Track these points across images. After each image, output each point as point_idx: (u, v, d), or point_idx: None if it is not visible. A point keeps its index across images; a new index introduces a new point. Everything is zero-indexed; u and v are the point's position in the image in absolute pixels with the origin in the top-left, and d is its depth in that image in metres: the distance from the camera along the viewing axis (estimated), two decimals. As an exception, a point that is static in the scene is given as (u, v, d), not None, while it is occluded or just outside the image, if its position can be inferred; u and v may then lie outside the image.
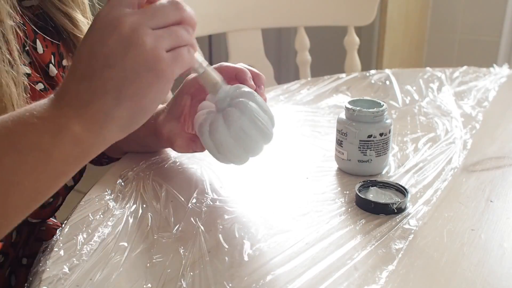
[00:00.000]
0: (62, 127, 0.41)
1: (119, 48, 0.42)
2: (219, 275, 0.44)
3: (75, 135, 0.41)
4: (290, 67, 2.25)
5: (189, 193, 0.58)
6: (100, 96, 0.42)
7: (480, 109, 0.86)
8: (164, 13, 0.44)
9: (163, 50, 0.43)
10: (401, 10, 1.90)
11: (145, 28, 0.42)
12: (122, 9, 0.43)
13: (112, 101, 0.42)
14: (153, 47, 0.42)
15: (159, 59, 0.43)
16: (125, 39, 0.42)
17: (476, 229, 0.51)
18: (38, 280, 0.44)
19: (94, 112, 0.42)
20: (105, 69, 0.42)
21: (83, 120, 0.41)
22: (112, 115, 0.42)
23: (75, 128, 0.41)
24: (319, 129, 0.78)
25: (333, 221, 0.53)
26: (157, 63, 0.43)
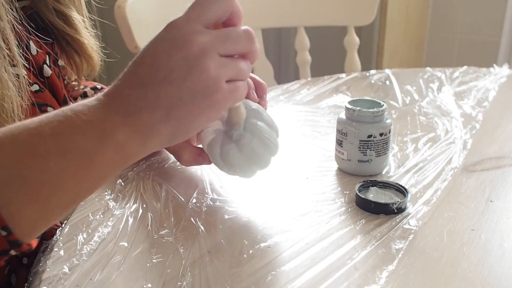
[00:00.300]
0: (108, 133, 0.40)
1: (183, 66, 0.41)
2: (219, 275, 0.44)
3: (119, 143, 0.41)
4: (290, 67, 2.25)
5: (189, 193, 0.58)
6: (151, 108, 0.41)
7: (480, 109, 0.86)
8: (236, 41, 0.44)
9: (223, 80, 0.43)
10: (401, 10, 1.90)
11: (213, 53, 0.42)
12: (198, 26, 0.42)
13: (160, 117, 0.41)
14: (216, 75, 0.42)
15: (218, 89, 0.43)
16: (192, 59, 0.41)
17: (476, 229, 0.51)
18: (38, 280, 0.44)
19: (141, 123, 0.41)
20: (163, 83, 0.41)
21: (129, 129, 0.41)
22: (157, 129, 0.42)
23: (119, 136, 0.40)
24: (319, 129, 0.78)
25: (333, 221, 0.53)
26: (214, 93, 0.43)
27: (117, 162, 0.42)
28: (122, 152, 0.41)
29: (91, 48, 0.64)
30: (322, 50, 1.72)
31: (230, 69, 0.44)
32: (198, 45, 0.41)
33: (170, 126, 0.42)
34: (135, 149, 0.42)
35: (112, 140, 0.40)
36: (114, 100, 0.41)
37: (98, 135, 0.40)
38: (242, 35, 0.45)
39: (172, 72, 0.41)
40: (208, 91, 0.42)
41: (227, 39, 0.44)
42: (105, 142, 0.40)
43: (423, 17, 2.06)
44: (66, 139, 0.39)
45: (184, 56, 0.41)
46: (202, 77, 0.42)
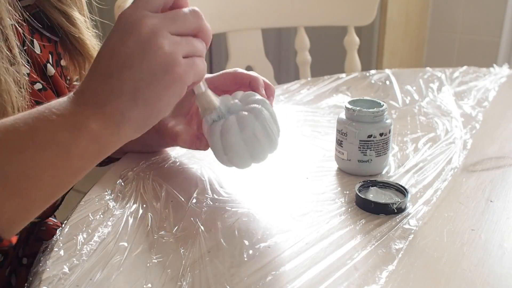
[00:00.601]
0: (80, 124, 0.42)
1: (137, 49, 0.43)
2: (219, 275, 0.44)
3: (93, 132, 0.42)
4: (290, 67, 2.25)
5: (189, 193, 0.58)
6: (117, 96, 0.43)
7: (480, 109, 0.86)
8: (184, 20, 0.45)
9: (180, 55, 0.44)
10: (401, 10, 1.90)
11: (164, 32, 0.43)
12: (145, 12, 0.44)
13: (128, 102, 0.43)
14: (171, 51, 0.44)
15: (176, 63, 0.44)
16: (144, 41, 0.43)
17: (476, 229, 0.51)
18: (38, 280, 0.44)
19: (111, 111, 0.43)
20: (123, 70, 0.43)
21: (100, 118, 0.42)
22: (128, 115, 0.43)
23: (92, 126, 0.42)
24: (319, 129, 0.78)
25: (333, 221, 0.53)
26: (174, 67, 0.44)
27: (93, 152, 0.43)
28: (97, 141, 0.43)
29: (93, 48, 0.65)
30: (322, 50, 1.72)
31: (184, 45, 0.45)
32: (147, 26, 0.43)
33: (139, 109, 0.44)
34: (109, 137, 0.43)
35: (86, 130, 0.42)
36: (83, 94, 0.43)
37: (71, 126, 0.41)
38: (189, 14, 0.46)
39: (129, 58, 0.43)
40: (167, 67, 0.43)
41: (175, 19, 0.45)
42: (79, 134, 0.42)
43: (423, 17, 2.06)
44: (41, 133, 0.41)
45: (136, 39, 0.43)
46: (157, 54, 0.43)
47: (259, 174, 0.63)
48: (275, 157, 0.66)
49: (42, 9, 0.60)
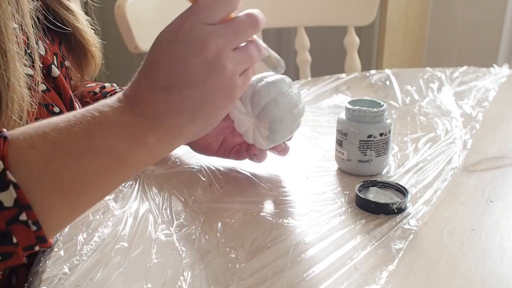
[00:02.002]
0: (138, 137, 0.42)
1: (202, 70, 0.43)
2: (219, 275, 0.44)
3: (149, 145, 0.42)
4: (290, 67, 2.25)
5: (189, 193, 0.58)
6: (176, 112, 0.43)
7: (480, 109, 0.86)
8: (245, 33, 0.46)
9: (237, 75, 0.46)
10: (401, 10, 1.90)
11: (228, 53, 0.44)
12: (207, 27, 0.43)
13: (187, 118, 0.43)
14: (232, 74, 0.45)
15: (234, 85, 0.45)
16: (209, 63, 0.43)
17: (476, 229, 0.51)
18: (38, 280, 0.44)
19: (169, 126, 0.43)
20: (185, 87, 0.43)
21: (157, 132, 0.43)
22: (185, 131, 0.44)
23: (150, 140, 0.42)
24: (319, 129, 0.78)
25: (333, 221, 0.53)
26: (232, 89, 0.45)
27: (145, 161, 0.44)
28: (151, 153, 0.43)
29: (95, 45, 0.65)
30: (322, 50, 1.72)
31: (242, 63, 0.46)
32: (212, 48, 0.43)
33: (196, 125, 0.45)
34: (163, 149, 0.44)
35: (143, 143, 0.42)
36: (137, 103, 0.43)
37: (129, 138, 0.41)
38: (247, 23, 0.46)
39: (192, 77, 0.43)
40: (227, 89, 0.45)
41: (237, 34, 0.45)
42: (136, 145, 0.42)
43: (423, 17, 2.06)
44: (99, 141, 0.40)
45: (201, 60, 0.43)
46: (220, 77, 0.44)
47: (260, 174, 0.63)
48: (275, 157, 0.66)
49: (46, 8, 0.60)
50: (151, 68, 0.44)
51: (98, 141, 0.40)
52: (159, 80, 0.43)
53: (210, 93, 0.44)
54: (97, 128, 0.41)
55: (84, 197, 0.41)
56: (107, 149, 0.40)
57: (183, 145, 0.69)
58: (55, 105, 0.58)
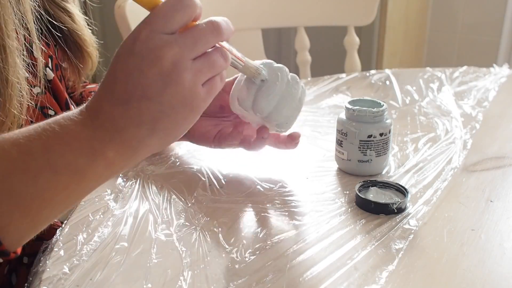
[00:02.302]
0: (97, 151, 0.41)
1: (158, 82, 0.42)
2: (219, 275, 0.44)
3: (109, 159, 0.42)
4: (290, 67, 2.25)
5: (189, 193, 0.58)
6: (135, 124, 0.42)
7: (480, 109, 0.86)
8: (205, 41, 0.44)
9: (199, 86, 0.44)
10: (401, 10, 1.90)
11: (185, 63, 0.42)
12: (164, 36, 0.42)
13: (146, 131, 0.43)
14: (192, 85, 0.43)
15: (195, 96, 0.43)
16: (165, 74, 0.42)
17: (476, 229, 0.51)
18: (38, 280, 0.44)
19: (128, 138, 0.42)
20: (142, 100, 0.42)
21: (117, 145, 0.42)
22: (145, 143, 0.43)
23: (109, 153, 0.42)
24: (319, 129, 0.78)
25: (333, 221, 0.53)
26: (193, 100, 0.43)
27: (106, 175, 0.43)
28: (112, 167, 0.43)
29: (92, 45, 0.65)
30: (322, 50, 1.72)
31: (204, 72, 0.44)
32: (168, 59, 0.42)
33: (156, 137, 0.43)
34: (124, 162, 0.43)
35: (102, 157, 0.42)
36: (97, 116, 0.42)
37: (88, 152, 0.41)
38: (208, 31, 0.44)
39: (148, 89, 0.42)
40: (187, 101, 0.43)
41: (196, 43, 0.43)
42: (95, 159, 0.41)
43: (423, 17, 2.06)
44: (57, 156, 0.40)
45: (158, 72, 0.41)
46: (178, 89, 0.42)
47: (260, 174, 0.63)
48: (275, 157, 0.66)
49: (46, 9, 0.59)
50: (110, 80, 0.43)
51: (56, 157, 0.40)
52: (117, 92, 0.42)
53: (168, 106, 0.42)
54: (56, 143, 0.40)
55: (44, 212, 0.41)
56: (66, 164, 0.40)
57: (183, 145, 0.69)
58: (50, 107, 0.58)
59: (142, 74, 0.41)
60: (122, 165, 0.43)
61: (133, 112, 0.42)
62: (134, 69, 0.42)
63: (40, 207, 0.40)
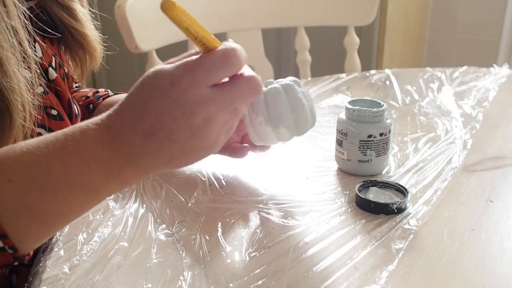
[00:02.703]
0: (114, 171, 0.43)
1: (187, 132, 0.42)
2: (219, 275, 0.44)
3: (123, 179, 0.43)
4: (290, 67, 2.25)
5: (189, 193, 0.58)
6: (153, 156, 0.43)
7: (480, 109, 0.86)
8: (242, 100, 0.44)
9: (222, 135, 0.45)
10: (401, 10, 1.90)
11: (217, 120, 0.43)
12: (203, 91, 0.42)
13: (162, 163, 0.44)
14: (216, 137, 0.44)
15: (216, 145, 0.45)
16: (196, 128, 0.42)
17: (476, 229, 0.51)
18: (38, 280, 0.44)
19: (144, 165, 0.43)
20: (165, 140, 0.42)
21: (133, 169, 0.43)
22: (160, 170, 0.45)
23: (125, 174, 0.43)
24: (319, 129, 0.78)
25: (333, 221, 0.53)
26: (214, 148, 0.45)
27: (119, 191, 0.46)
28: (125, 185, 0.45)
29: (95, 40, 0.64)
30: (322, 50, 1.72)
31: (229, 124, 0.45)
32: (203, 116, 0.42)
33: (169, 168, 0.45)
34: (136, 180, 0.46)
35: (118, 177, 0.43)
36: (118, 139, 0.42)
37: (105, 173, 0.42)
38: (247, 91, 0.44)
39: (175, 134, 0.42)
40: (208, 149, 0.44)
41: (232, 102, 0.43)
42: (111, 179, 0.43)
43: (423, 17, 2.06)
44: (76, 176, 0.41)
45: (189, 124, 0.42)
46: (204, 141, 0.43)
47: (260, 174, 0.63)
48: (275, 157, 0.66)
49: (44, 9, 0.59)
50: (138, 109, 0.42)
51: (74, 176, 0.41)
52: (143, 124, 0.42)
53: (190, 151, 0.43)
54: (75, 163, 0.41)
55: (58, 224, 0.43)
56: (83, 184, 0.42)
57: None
58: (53, 107, 0.58)
59: (173, 120, 0.42)
60: (133, 183, 0.46)
61: (153, 146, 0.42)
62: (165, 112, 0.42)
63: (55, 220, 0.42)
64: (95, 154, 0.42)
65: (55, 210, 0.41)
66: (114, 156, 0.42)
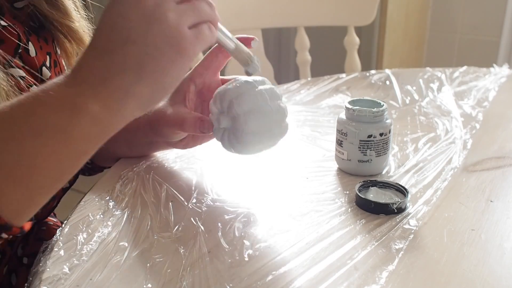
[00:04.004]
0: (80, 106, 0.39)
1: (142, 23, 0.41)
2: (219, 275, 0.44)
3: (94, 114, 0.40)
4: (290, 67, 2.25)
5: (189, 193, 0.58)
6: (120, 72, 0.41)
7: (480, 109, 0.86)
8: None
9: (185, 27, 0.43)
10: (401, 10, 1.90)
11: (169, 3, 0.42)
12: None
13: (132, 77, 0.41)
14: (176, 24, 0.42)
15: (182, 36, 0.42)
16: (148, 13, 0.41)
17: (476, 229, 0.51)
18: (38, 280, 0.44)
19: (113, 89, 0.41)
20: (126, 44, 0.40)
21: (101, 98, 0.40)
22: (132, 91, 0.41)
23: (93, 108, 0.40)
24: (319, 129, 0.78)
25: (333, 221, 0.53)
26: (179, 40, 0.42)
27: (95, 134, 0.41)
28: (99, 123, 0.41)
29: (83, 31, 0.63)
30: (322, 50, 1.72)
31: (189, 14, 0.43)
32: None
33: (144, 84, 0.42)
34: (111, 117, 0.41)
35: (86, 112, 0.40)
36: (80, 72, 0.41)
37: (70, 109, 0.39)
38: None
39: (132, 31, 0.41)
40: (172, 40, 0.42)
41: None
42: (78, 116, 0.40)
43: (423, 17, 2.06)
44: (39, 119, 0.39)
45: (140, 12, 0.41)
46: (162, 27, 0.41)
47: (259, 174, 0.63)
48: (275, 157, 0.66)
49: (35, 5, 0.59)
50: (95, 35, 0.42)
51: (38, 120, 0.39)
52: (101, 43, 0.41)
53: (153, 47, 0.41)
54: (38, 106, 0.39)
55: (37, 179, 0.39)
56: (48, 125, 0.39)
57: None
58: None
59: (125, 18, 0.41)
60: (110, 121, 0.42)
61: (117, 60, 0.41)
62: (117, 17, 0.41)
63: (31, 174, 0.39)
64: (58, 94, 0.40)
65: (26, 161, 0.38)
66: (78, 89, 0.40)
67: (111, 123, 0.42)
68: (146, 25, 0.41)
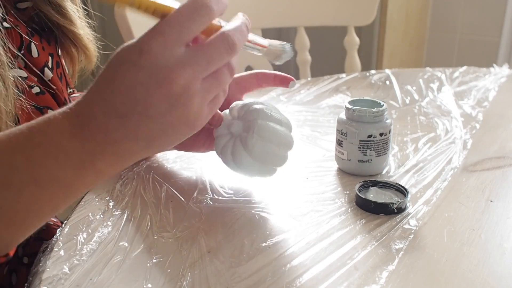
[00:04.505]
0: (87, 163, 0.39)
1: (165, 103, 0.38)
2: (219, 275, 0.44)
3: (99, 170, 0.40)
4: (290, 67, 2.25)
5: (189, 193, 0.58)
6: (130, 139, 0.39)
7: (480, 109, 0.86)
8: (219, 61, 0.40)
9: (206, 106, 0.41)
10: (401, 10, 1.90)
11: (196, 86, 0.39)
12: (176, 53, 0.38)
13: (142, 147, 0.40)
14: (199, 108, 0.40)
15: (200, 117, 0.41)
16: (174, 97, 0.38)
17: (476, 229, 0.51)
18: (38, 280, 0.44)
19: (121, 152, 0.40)
20: (142, 117, 0.38)
21: (108, 157, 0.40)
22: (138, 156, 0.41)
23: (99, 164, 0.40)
24: (319, 129, 0.78)
25: (333, 221, 0.53)
26: (197, 121, 0.41)
27: (96, 183, 0.42)
28: (101, 176, 0.41)
29: (87, 38, 0.63)
30: (322, 50, 1.72)
31: (212, 91, 0.41)
32: (179, 82, 0.38)
33: (150, 152, 0.42)
34: (114, 170, 0.42)
35: (92, 168, 0.40)
36: (89, 126, 0.39)
37: (76, 165, 0.39)
38: (223, 50, 0.40)
39: (152, 108, 0.38)
40: (190, 121, 0.41)
41: (209, 63, 0.40)
42: (84, 171, 0.39)
43: (423, 17, 2.06)
44: (42, 170, 0.38)
45: (165, 93, 0.38)
46: (184, 112, 0.40)
47: (259, 174, 0.63)
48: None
49: (39, 8, 0.59)
50: (108, 89, 0.39)
51: (40, 170, 0.38)
52: (116, 105, 0.38)
53: (170, 126, 0.40)
54: (41, 155, 0.38)
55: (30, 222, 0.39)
56: (52, 178, 0.38)
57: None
58: (50, 107, 0.58)
59: (148, 92, 0.38)
60: (111, 173, 0.41)
61: (130, 127, 0.39)
62: (138, 84, 0.38)
63: (25, 218, 0.39)
64: (63, 145, 0.38)
65: (23, 208, 0.38)
66: (85, 146, 0.39)
67: (112, 174, 0.42)
68: (168, 106, 0.39)
